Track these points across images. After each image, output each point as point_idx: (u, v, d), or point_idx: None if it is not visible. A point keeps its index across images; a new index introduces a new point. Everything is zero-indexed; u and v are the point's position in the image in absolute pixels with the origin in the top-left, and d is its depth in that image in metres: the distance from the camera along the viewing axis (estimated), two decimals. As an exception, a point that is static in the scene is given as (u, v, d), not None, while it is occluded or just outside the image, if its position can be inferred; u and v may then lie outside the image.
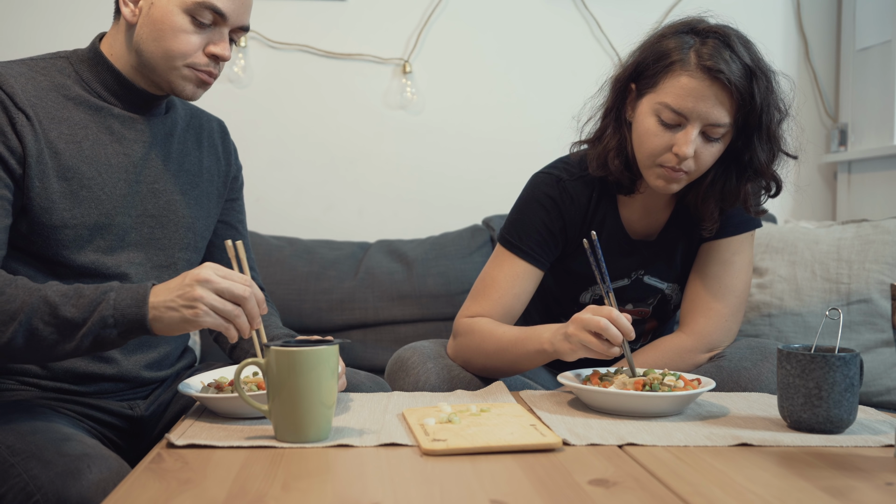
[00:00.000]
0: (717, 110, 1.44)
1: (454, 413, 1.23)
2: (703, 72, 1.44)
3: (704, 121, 1.45)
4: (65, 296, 1.20)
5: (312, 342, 1.17)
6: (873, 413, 1.35)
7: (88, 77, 1.40)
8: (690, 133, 1.45)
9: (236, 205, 1.64)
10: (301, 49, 2.54)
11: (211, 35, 1.37)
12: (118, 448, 1.41)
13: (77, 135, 1.36)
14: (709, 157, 1.49)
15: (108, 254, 1.39)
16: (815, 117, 2.71)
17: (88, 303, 1.19)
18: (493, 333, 1.54)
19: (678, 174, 1.49)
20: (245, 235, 1.66)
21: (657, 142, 1.48)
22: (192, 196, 1.50)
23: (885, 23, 2.50)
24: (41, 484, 1.11)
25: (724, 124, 1.46)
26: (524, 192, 1.66)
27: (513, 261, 1.61)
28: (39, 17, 2.46)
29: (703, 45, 1.46)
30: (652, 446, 1.13)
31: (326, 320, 2.24)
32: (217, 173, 1.57)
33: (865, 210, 2.55)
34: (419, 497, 0.93)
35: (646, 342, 1.76)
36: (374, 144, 2.58)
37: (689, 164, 1.48)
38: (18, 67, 1.37)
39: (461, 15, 2.58)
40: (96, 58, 1.40)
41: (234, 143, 1.64)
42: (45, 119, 1.34)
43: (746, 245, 1.64)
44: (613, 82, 1.58)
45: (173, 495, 0.92)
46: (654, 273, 1.67)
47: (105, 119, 1.40)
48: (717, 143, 1.48)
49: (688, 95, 1.44)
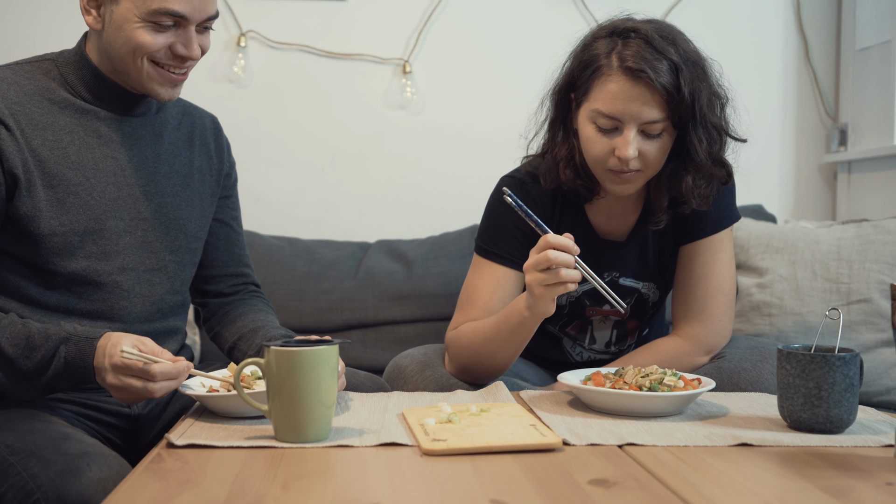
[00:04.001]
0: (647, 109, 1.45)
1: (454, 413, 1.23)
2: (627, 74, 1.45)
3: (638, 121, 1.46)
4: (16, 347, 1.26)
5: (312, 342, 1.17)
6: (873, 413, 1.35)
7: (73, 80, 1.39)
8: (628, 135, 1.46)
9: (230, 202, 1.63)
10: (301, 49, 2.54)
11: (176, 35, 1.35)
12: (117, 447, 1.41)
13: (62, 140, 1.35)
14: (655, 153, 1.49)
15: (102, 259, 1.38)
16: (815, 117, 2.71)
17: (41, 358, 1.25)
18: (475, 330, 1.54)
19: (628, 175, 1.50)
20: (239, 232, 1.65)
21: (599, 148, 1.50)
22: (184, 197, 1.49)
23: (885, 23, 2.50)
24: (41, 483, 1.11)
25: (658, 120, 1.47)
26: (490, 199, 1.67)
27: (491, 267, 1.61)
28: (40, 17, 2.46)
29: (625, 48, 1.47)
30: (652, 446, 1.13)
31: (326, 320, 2.24)
32: (209, 172, 1.56)
33: (865, 210, 2.55)
34: (419, 497, 0.93)
35: (633, 342, 1.76)
36: (374, 144, 2.58)
37: (636, 163, 1.49)
38: (3, 72, 1.36)
39: (461, 15, 2.58)
40: (81, 60, 1.39)
41: (227, 140, 1.63)
42: (28, 127, 1.33)
43: (726, 242, 1.64)
44: (553, 95, 1.60)
45: (173, 495, 0.92)
46: (628, 273, 1.67)
47: (91, 122, 1.39)
48: (658, 138, 1.49)
49: (616, 99, 1.46)
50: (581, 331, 1.72)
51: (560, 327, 1.72)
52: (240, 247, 1.65)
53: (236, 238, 1.64)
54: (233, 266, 1.63)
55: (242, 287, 1.64)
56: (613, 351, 1.74)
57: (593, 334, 1.72)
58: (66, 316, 1.37)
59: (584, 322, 1.71)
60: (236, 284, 1.63)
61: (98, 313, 1.39)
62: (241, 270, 1.65)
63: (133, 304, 1.42)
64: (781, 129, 2.70)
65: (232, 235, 1.63)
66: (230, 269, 1.62)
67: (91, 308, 1.39)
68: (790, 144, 2.71)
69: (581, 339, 1.73)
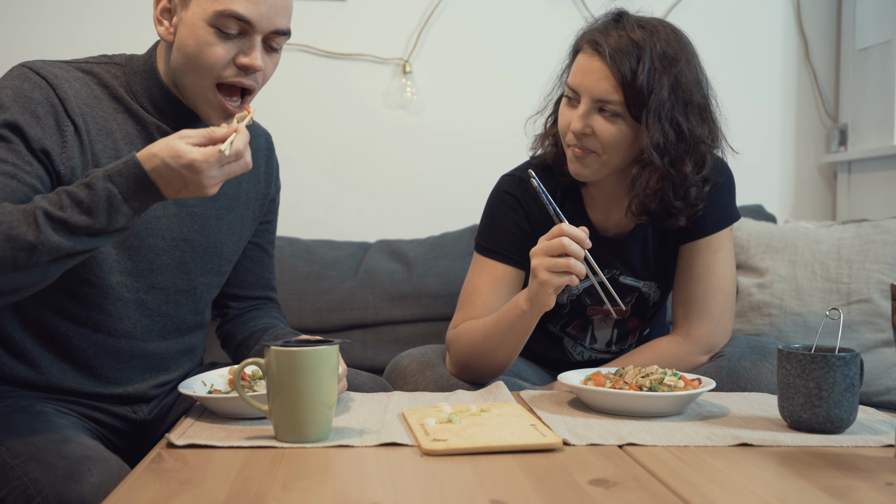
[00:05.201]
0: (601, 85, 1.48)
1: (454, 413, 1.23)
2: (590, 46, 1.51)
3: (591, 95, 1.50)
4: (62, 208, 1.13)
5: (312, 342, 1.17)
6: (873, 413, 1.35)
7: (138, 89, 1.36)
8: (581, 108, 1.50)
9: (269, 227, 1.61)
10: (301, 49, 2.54)
11: (241, 45, 1.30)
12: (119, 450, 1.40)
13: (121, 150, 1.32)
14: (608, 135, 1.50)
15: (135, 277, 1.36)
16: (815, 117, 2.71)
17: (91, 201, 1.13)
18: (475, 328, 1.54)
19: (584, 154, 1.53)
20: (272, 256, 1.63)
21: (561, 121, 1.56)
22: (227, 220, 1.47)
23: (885, 23, 2.50)
24: (41, 487, 1.10)
25: (613, 101, 1.49)
26: (490, 197, 1.68)
27: (491, 265, 1.61)
28: (40, 17, 2.46)
29: (598, 25, 1.54)
30: (652, 446, 1.13)
31: (326, 320, 2.24)
32: (255, 196, 1.53)
33: (865, 210, 2.55)
34: (419, 497, 0.93)
35: (634, 342, 1.76)
36: (374, 144, 2.58)
37: (591, 142, 1.52)
38: (74, 72, 1.33)
39: (461, 14, 2.58)
40: (149, 70, 1.36)
41: (277, 161, 1.60)
42: (94, 129, 1.30)
43: (726, 241, 1.65)
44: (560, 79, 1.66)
45: (173, 495, 0.92)
46: (628, 272, 1.67)
47: (150, 135, 1.36)
48: (614, 121, 1.50)
49: (576, 71, 1.53)
50: (582, 330, 1.72)
51: (561, 327, 1.72)
52: (269, 271, 1.63)
53: (268, 262, 1.62)
54: (259, 289, 1.61)
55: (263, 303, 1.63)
56: (614, 350, 1.74)
57: (594, 334, 1.72)
58: (93, 331, 1.35)
59: (584, 322, 1.71)
60: (258, 306, 1.62)
61: (121, 332, 1.37)
62: (267, 294, 1.63)
63: (154, 322, 1.40)
64: (781, 129, 2.70)
65: (265, 259, 1.61)
66: (256, 292, 1.61)
67: (116, 327, 1.36)
68: (790, 144, 2.71)
69: (582, 338, 1.73)
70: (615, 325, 1.71)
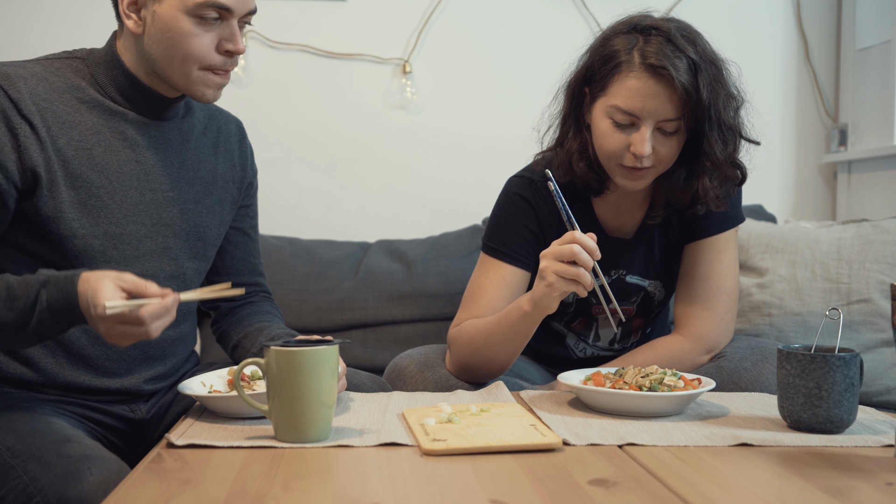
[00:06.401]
0: (666, 107, 1.46)
1: (454, 413, 1.23)
2: (648, 71, 1.45)
3: (656, 118, 1.47)
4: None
5: (312, 342, 1.17)
6: (873, 413, 1.35)
7: (103, 80, 1.37)
8: (645, 132, 1.47)
9: (250, 210, 1.62)
10: (301, 49, 2.54)
11: (220, 30, 1.33)
12: (119, 450, 1.40)
13: (88, 141, 1.33)
14: (668, 151, 1.50)
15: (121, 264, 1.36)
16: (815, 117, 2.71)
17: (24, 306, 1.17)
18: (477, 327, 1.54)
19: (641, 172, 1.51)
20: (256, 241, 1.63)
21: (614, 143, 1.50)
22: (206, 204, 1.48)
23: (885, 23, 2.50)
24: (41, 486, 1.11)
25: (674, 118, 1.47)
26: (499, 197, 1.67)
27: (497, 266, 1.61)
28: (39, 17, 2.46)
29: (646, 44, 1.47)
30: (652, 446, 1.13)
31: (326, 320, 2.24)
32: (232, 180, 1.54)
33: (865, 210, 2.55)
34: (419, 497, 0.93)
35: (637, 340, 1.76)
36: (375, 144, 2.58)
37: (650, 160, 1.50)
38: (33, 67, 1.33)
39: (461, 14, 2.58)
40: (112, 60, 1.37)
41: (251, 146, 1.61)
42: (55, 125, 1.30)
43: (731, 242, 1.65)
44: (567, 89, 1.60)
45: (173, 495, 0.92)
46: (634, 271, 1.67)
47: (119, 124, 1.36)
48: (673, 136, 1.50)
49: (636, 96, 1.46)
50: (586, 327, 1.72)
51: (565, 323, 1.72)
52: (255, 256, 1.63)
53: (253, 247, 1.62)
54: (246, 275, 1.61)
55: (253, 294, 1.63)
56: (617, 348, 1.74)
57: (598, 331, 1.72)
58: None
59: (589, 319, 1.71)
60: (248, 293, 1.62)
61: None
62: (255, 280, 1.63)
63: None
64: (781, 129, 2.70)
65: (249, 244, 1.61)
66: (244, 277, 1.61)
67: None
68: (790, 144, 2.71)
69: (586, 335, 1.73)
70: (619, 324, 1.72)
